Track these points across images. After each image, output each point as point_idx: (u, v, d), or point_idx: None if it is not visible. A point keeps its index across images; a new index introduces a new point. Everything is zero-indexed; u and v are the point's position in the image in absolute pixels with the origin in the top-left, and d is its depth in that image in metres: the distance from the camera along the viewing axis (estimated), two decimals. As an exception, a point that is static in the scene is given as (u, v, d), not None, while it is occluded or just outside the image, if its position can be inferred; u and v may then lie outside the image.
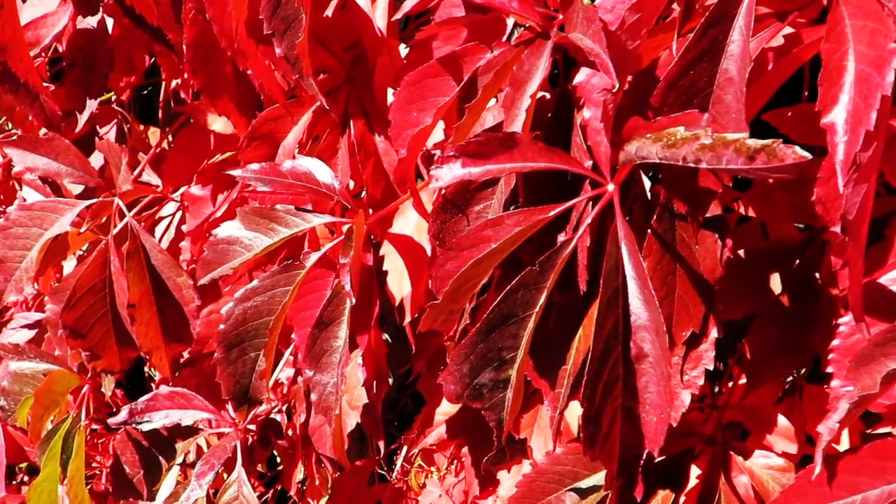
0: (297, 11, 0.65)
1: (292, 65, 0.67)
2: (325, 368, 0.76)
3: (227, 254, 0.81)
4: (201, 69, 0.81)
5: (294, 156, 0.86)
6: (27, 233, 0.95)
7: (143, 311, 0.92)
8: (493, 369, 0.60)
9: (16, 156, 0.89)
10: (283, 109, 0.83)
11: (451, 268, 0.62)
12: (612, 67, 0.49)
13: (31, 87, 0.87)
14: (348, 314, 0.74)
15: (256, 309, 0.79)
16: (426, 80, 0.65)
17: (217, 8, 0.74)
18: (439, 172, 0.58)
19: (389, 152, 0.82)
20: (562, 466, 0.74)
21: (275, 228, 0.78)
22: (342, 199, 0.76)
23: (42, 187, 1.05)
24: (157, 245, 0.91)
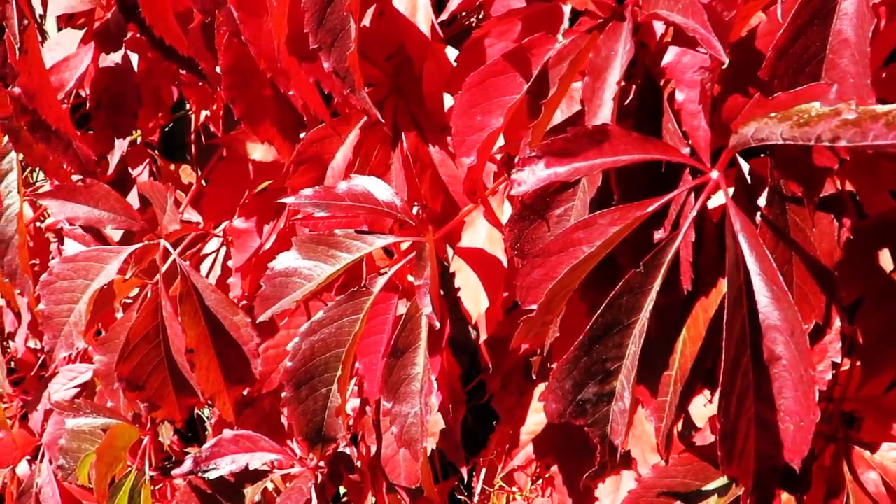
0: (344, 21, 0.60)
1: (342, 78, 0.63)
2: (404, 398, 0.71)
3: (286, 287, 0.77)
4: (240, 95, 0.76)
5: (344, 177, 0.82)
6: (72, 285, 0.91)
7: (201, 356, 0.88)
8: (596, 383, 0.55)
9: (55, 207, 0.85)
10: (329, 129, 0.79)
11: (538, 276, 0.57)
12: (717, 41, 0.44)
13: (63, 133, 0.83)
14: (426, 339, 0.69)
15: (324, 342, 0.74)
16: (490, 80, 0.61)
17: (252, 29, 0.70)
18: (521, 176, 0.54)
19: (446, 162, 0.77)
20: (671, 479, 0.68)
21: (335, 255, 0.74)
22: (404, 216, 0.71)
23: (81, 236, 1.01)
24: (209, 285, 0.87)
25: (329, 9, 0.60)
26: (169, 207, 0.84)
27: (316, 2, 0.60)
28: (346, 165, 0.80)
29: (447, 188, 0.78)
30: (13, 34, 0.71)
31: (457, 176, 0.77)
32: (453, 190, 0.78)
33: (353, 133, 0.80)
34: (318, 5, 0.60)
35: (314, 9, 0.60)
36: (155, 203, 0.85)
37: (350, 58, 0.61)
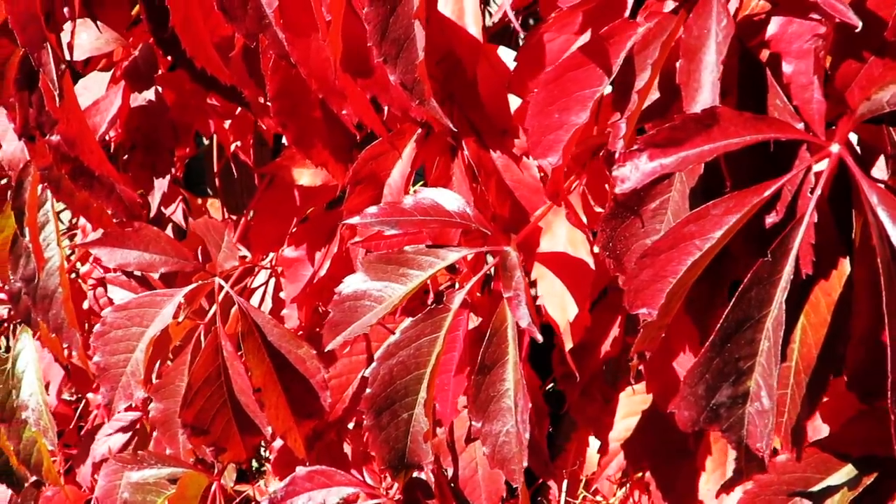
0: (408, 30, 0.57)
1: (410, 90, 0.59)
2: (494, 416, 0.68)
3: (356, 311, 0.73)
4: (290, 120, 0.73)
5: (403, 192, 0.78)
6: (127, 334, 0.88)
7: (269, 394, 0.84)
8: (730, 384, 0.51)
9: (104, 255, 0.82)
10: (384, 145, 0.76)
11: (648, 277, 0.53)
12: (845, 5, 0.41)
13: (106, 178, 0.80)
14: (514, 352, 0.66)
15: (403, 365, 0.71)
16: (567, 75, 0.57)
17: (300, 50, 0.67)
18: (624, 172, 0.50)
19: (510, 167, 0.74)
20: (790, 475, 0.65)
21: (406, 273, 0.71)
22: (479, 226, 0.67)
23: (126, 282, 0.98)
24: (270, 320, 0.84)
25: (392, 18, 0.57)
26: (226, 244, 0.80)
27: (378, 12, 0.56)
28: (403, 181, 0.77)
29: (513, 193, 0.75)
30: (51, 80, 0.67)
31: (523, 180, 0.74)
32: (520, 195, 0.75)
33: (408, 147, 0.76)
34: (381, 16, 0.56)
35: (377, 20, 0.56)
36: (209, 241, 0.82)
37: (419, 67, 0.58)
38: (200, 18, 0.73)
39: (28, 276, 1.01)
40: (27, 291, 1.02)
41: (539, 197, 0.74)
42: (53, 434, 1.19)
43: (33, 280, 1.01)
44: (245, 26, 0.66)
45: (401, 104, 0.68)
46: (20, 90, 0.76)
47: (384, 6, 0.56)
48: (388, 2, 0.56)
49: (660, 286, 0.53)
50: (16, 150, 1.05)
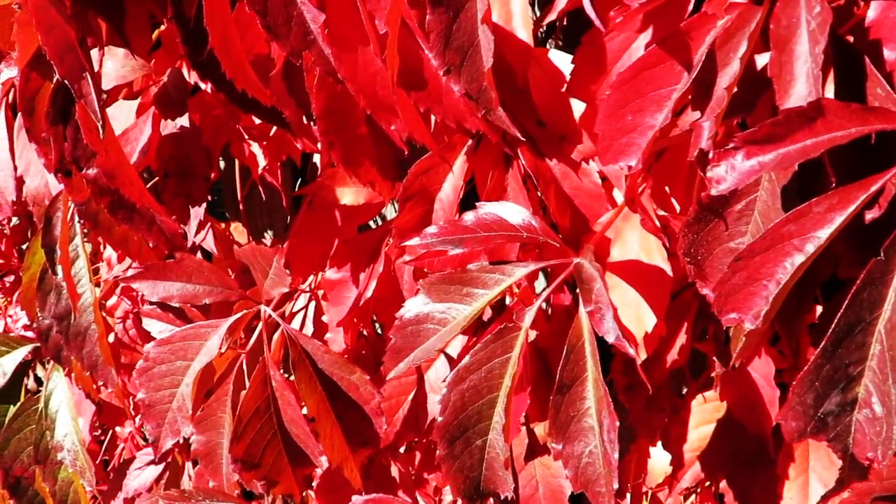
0: (473, 36, 0.54)
1: (476, 99, 0.57)
2: (576, 437, 0.65)
3: (419, 335, 0.71)
4: (337, 138, 0.71)
5: (456, 208, 0.76)
6: (171, 368, 0.85)
7: (323, 424, 0.81)
8: (839, 391, 0.49)
9: (145, 288, 0.79)
10: (434, 159, 0.73)
11: (741, 280, 0.51)
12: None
13: (146, 210, 0.77)
14: (594, 369, 0.63)
15: (475, 390, 0.68)
16: (643, 74, 0.55)
17: (348, 65, 0.64)
18: (719, 172, 0.48)
19: (569, 175, 0.71)
20: (890, 480, 0.62)
21: (471, 293, 0.68)
22: (547, 238, 0.65)
23: (163, 315, 0.95)
24: (320, 346, 0.81)
25: (455, 25, 0.54)
26: (274, 271, 0.78)
27: (441, 20, 0.54)
28: (455, 195, 0.75)
29: (573, 202, 0.72)
30: (94, 112, 0.65)
31: (582, 187, 0.71)
32: (580, 203, 0.72)
33: (459, 160, 0.74)
34: (444, 23, 0.54)
35: (440, 27, 0.54)
36: (255, 267, 0.79)
37: (487, 75, 0.55)
38: (238, 39, 0.71)
39: (60, 313, 0.98)
40: (59, 329, 1.00)
41: (601, 204, 0.71)
42: (91, 474, 1.16)
43: (66, 318, 0.98)
44: (290, 43, 0.64)
45: (455, 115, 0.65)
46: (54, 124, 0.73)
47: (447, 13, 0.54)
48: (450, 8, 0.54)
49: (753, 290, 0.50)
50: (39, 185, 1.03)
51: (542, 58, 0.70)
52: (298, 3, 0.63)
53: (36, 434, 1.20)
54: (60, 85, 0.74)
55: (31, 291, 1.07)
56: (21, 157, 1.02)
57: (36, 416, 1.21)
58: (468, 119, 0.65)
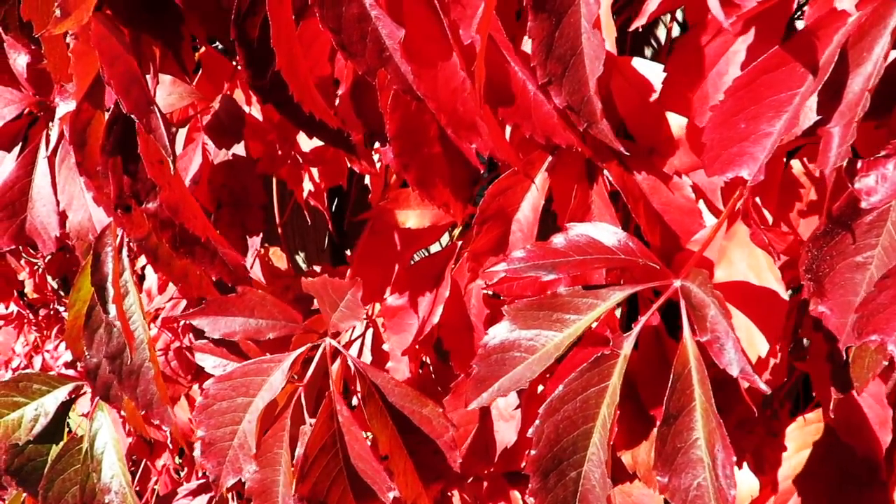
0: (576, 43, 0.50)
1: (577, 112, 0.52)
2: (683, 469, 0.60)
3: (504, 364, 0.66)
4: (412, 159, 0.66)
5: (535, 229, 0.71)
6: (232, 405, 0.81)
7: (396, 460, 0.77)
8: None
9: (206, 324, 0.75)
10: (511, 178, 0.69)
11: (886, 299, 0.46)
12: None
13: (209, 243, 0.73)
14: (702, 397, 0.58)
15: (570, 420, 0.63)
16: (762, 78, 0.50)
17: (428, 82, 0.60)
18: (868, 183, 0.43)
19: (659, 189, 0.67)
20: None
21: (562, 319, 0.63)
22: (646, 260, 0.60)
23: (217, 349, 0.91)
24: (390, 379, 0.76)
25: (557, 33, 0.50)
26: (346, 303, 0.73)
27: (544, 27, 0.50)
28: (535, 216, 0.70)
29: (662, 218, 0.68)
30: (164, 146, 0.61)
31: (673, 202, 0.67)
32: (670, 219, 0.67)
33: (539, 177, 0.69)
34: (546, 31, 0.50)
35: (542, 35, 0.50)
36: (323, 300, 0.74)
37: (594, 85, 0.51)
38: (303, 60, 0.67)
39: (112, 352, 0.94)
40: (112, 369, 0.95)
41: (693, 220, 0.67)
42: (139, 515, 1.12)
43: (118, 356, 0.94)
44: (365, 61, 0.60)
45: (545, 130, 0.61)
46: (112, 157, 0.69)
47: (549, 19, 0.50)
48: (553, 14, 0.50)
49: (897, 308, 0.46)
50: (83, 219, 0.99)
51: (625, 66, 0.66)
52: (373, 19, 0.59)
53: (81, 475, 1.16)
54: (116, 115, 0.71)
55: (76, 329, 1.03)
56: (63, 192, 0.98)
57: (80, 456, 1.16)
58: (558, 133, 0.61)
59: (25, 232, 1.01)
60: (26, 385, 1.12)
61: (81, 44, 0.64)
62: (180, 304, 1.23)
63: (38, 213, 1.00)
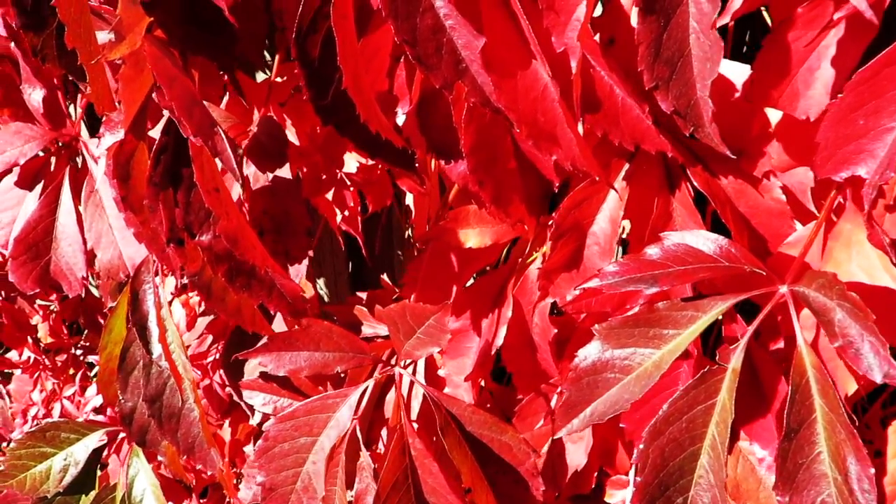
0: (683, 46, 0.48)
1: (684, 116, 0.50)
2: (805, 486, 0.57)
3: (597, 386, 0.63)
4: (487, 175, 0.64)
5: (615, 242, 0.68)
6: (295, 446, 0.77)
7: (479, 494, 0.74)
8: None
9: (270, 361, 0.71)
10: (589, 188, 0.66)
11: None
12: None
13: (265, 275, 0.69)
14: (824, 408, 0.55)
15: (675, 442, 0.60)
16: (885, 72, 0.48)
17: (508, 92, 0.58)
18: None
19: (745, 192, 0.64)
20: None
21: (660, 335, 0.61)
22: (753, 267, 0.58)
23: (266, 385, 0.87)
24: (468, 407, 0.73)
25: (665, 35, 0.47)
26: (424, 330, 0.70)
27: (652, 29, 0.47)
28: (613, 228, 0.67)
29: (749, 222, 0.65)
30: (232, 170, 0.57)
31: (761, 205, 0.64)
32: (757, 223, 0.65)
33: (618, 184, 0.67)
34: (655, 32, 0.47)
35: (650, 37, 0.47)
36: (398, 326, 0.71)
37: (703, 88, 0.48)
38: (366, 77, 0.64)
39: (152, 394, 0.90)
40: (151, 412, 0.91)
41: (783, 222, 0.64)
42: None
43: (158, 399, 0.90)
44: (441, 74, 0.57)
45: (633, 137, 0.58)
46: (163, 188, 0.66)
47: (658, 21, 0.47)
48: (661, 15, 0.47)
49: None
50: (113, 257, 0.95)
51: (704, 66, 0.64)
52: (447, 30, 0.56)
53: (116, 525, 1.11)
54: (164, 144, 0.67)
55: (109, 372, 0.99)
56: (91, 230, 0.95)
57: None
58: (648, 139, 0.58)
59: (50, 274, 0.97)
60: (54, 434, 1.08)
61: (129, 69, 0.61)
62: (206, 339, 1.19)
63: (63, 254, 0.96)
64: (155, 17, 0.59)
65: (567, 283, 0.72)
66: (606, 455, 0.88)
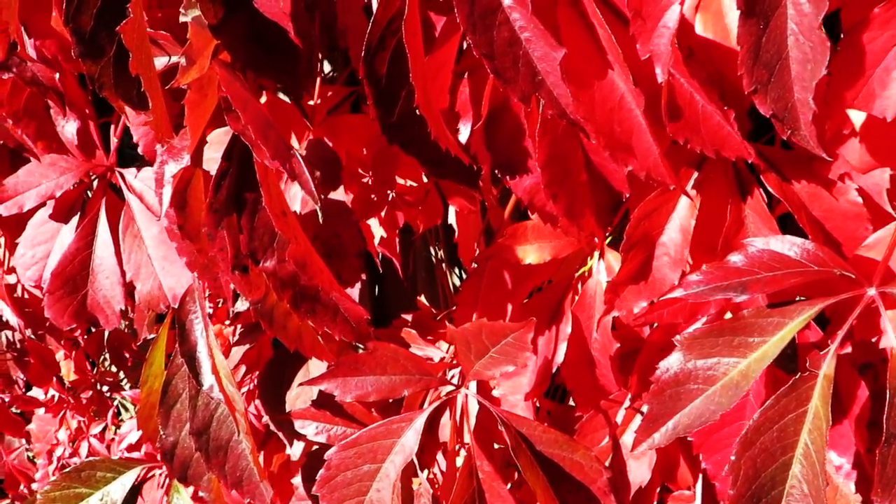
0: (781, 49, 0.48)
1: (782, 119, 0.50)
2: (903, 493, 0.57)
3: (679, 398, 0.63)
4: (561, 189, 0.63)
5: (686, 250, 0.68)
6: (357, 474, 0.76)
7: (551, 513, 0.72)
8: None
9: (335, 387, 0.70)
10: (659, 198, 0.66)
11: None
12: None
13: (329, 299, 0.68)
14: (924, 411, 0.55)
15: (767, 453, 0.60)
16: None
17: (587, 104, 0.58)
18: None
19: (819, 196, 0.64)
20: None
21: (745, 342, 0.60)
22: (843, 270, 0.57)
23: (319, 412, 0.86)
24: (538, 426, 0.72)
25: (764, 38, 0.47)
26: (500, 349, 0.69)
27: (752, 31, 0.47)
28: (685, 239, 0.67)
29: (823, 226, 0.65)
30: (310, 192, 0.57)
31: (836, 209, 0.64)
32: (831, 226, 0.65)
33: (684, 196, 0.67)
34: (755, 35, 0.47)
35: (750, 40, 0.47)
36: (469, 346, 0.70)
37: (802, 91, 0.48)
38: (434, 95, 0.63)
39: (199, 427, 0.89)
40: (198, 446, 0.90)
41: (859, 224, 0.64)
42: None
43: (205, 432, 0.89)
44: (519, 87, 0.57)
45: (714, 143, 0.58)
46: (226, 214, 0.65)
47: (757, 24, 0.47)
48: (761, 18, 0.47)
49: None
50: (153, 288, 0.94)
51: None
52: (523, 42, 0.56)
53: (157, 565, 1.09)
54: (225, 170, 0.67)
55: (149, 407, 0.97)
56: (129, 262, 0.94)
57: (154, 544, 1.10)
58: (729, 146, 0.58)
59: (87, 308, 0.96)
60: (89, 474, 1.06)
61: (195, 93, 0.60)
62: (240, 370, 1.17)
63: (100, 287, 0.95)
64: (222, 39, 0.59)
65: (634, 295, 0.71)
66: (668, 470, 0.87)
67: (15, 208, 0.91)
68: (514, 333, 0.69)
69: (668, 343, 0.76)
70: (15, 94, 0.90)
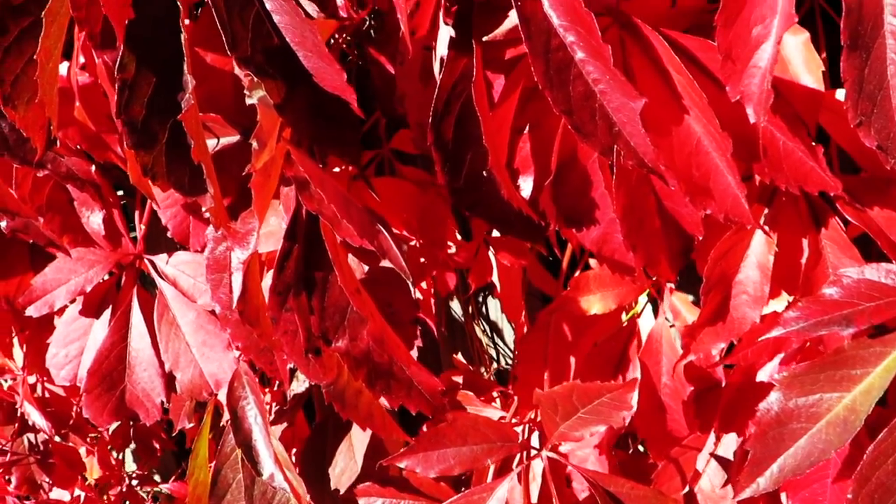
0: (882, 79, 0.48)
1: (885, 150, 0.49)
2: None
3: (783, 439, 0.62)
4: (638, 238, 0.63)
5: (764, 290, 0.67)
6: (441, 551, 0.73)
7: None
8: None
9: (418, 464, 0.68)
10: (734, 237, 0.65)
11: None
12: None
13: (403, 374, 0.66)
14: None
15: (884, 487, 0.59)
16: None
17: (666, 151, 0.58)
18: None
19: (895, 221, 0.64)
20: None
21: (848, 376, 0.59)
22: (944, 296, 0.57)
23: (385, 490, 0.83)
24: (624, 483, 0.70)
25: (867, 70, 0.47)
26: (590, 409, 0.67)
27: (855, 64, 0.47)
28: (764, 276, 0.66)
29: (901, 249, 0.64)
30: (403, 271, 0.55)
31: (913, 230, 0.64)
32: (910, 248, 0.64)
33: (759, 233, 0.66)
34: (858, 68, 0.47)
35: (854, 73, 0.47)
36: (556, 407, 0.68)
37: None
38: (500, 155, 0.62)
39: (257, 519, 0.85)
40: (256, 538, 0.86)
41: (940, 246, 0.64)
42: None
43: (265, 523, 0.85)
44: (598, 140, 0.56)
45: (797, 179, 0.58)
46: (296, 296, 0.63)
47: (860, 56, 0.47)
48: (863, 48, 0.47)
49: None
50: (194, 376, 0.91)
51: (830, 100, 0.64)
52: (598, 95, 0.55)
53: None
54: (287, 249, 0.65)
55: (196, 499, 0.93)
56: (167, 351, 0.91)
57: None
58: (811, 180, 0.58)
59: (126, 404, 0.92)
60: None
61: (260, 175, 0.58)
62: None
63: (138, 380, 0.92)
64: (286, 117, 0.57)
65: (711, 337, 0.70)
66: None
67: (45, 308, 0.88)
68: (610, 393, 0.67)
69: (748, 383, 0.75)
70: (37, 189, 0.87)
